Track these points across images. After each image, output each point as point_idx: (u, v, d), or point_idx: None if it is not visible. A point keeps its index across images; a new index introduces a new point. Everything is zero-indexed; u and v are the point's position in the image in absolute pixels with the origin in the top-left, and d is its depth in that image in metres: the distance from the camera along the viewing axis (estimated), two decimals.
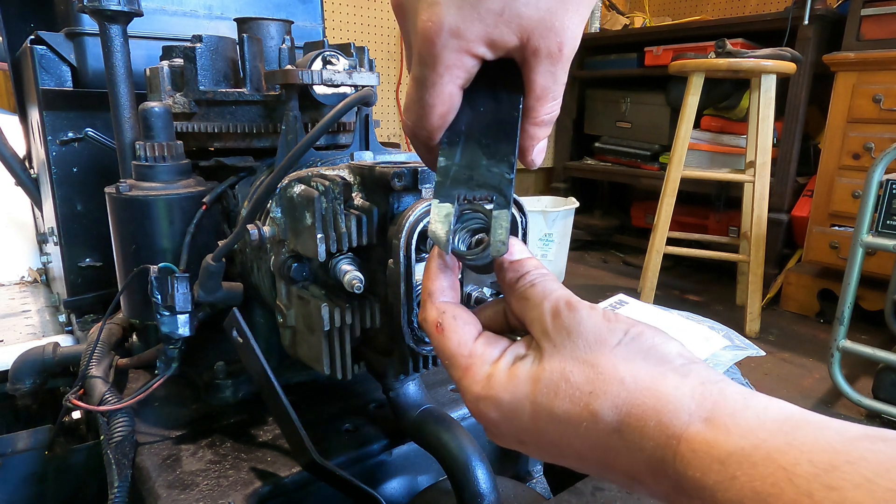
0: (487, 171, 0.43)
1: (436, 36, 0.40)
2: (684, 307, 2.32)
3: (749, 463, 0.29)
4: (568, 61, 0.42)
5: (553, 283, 0.41)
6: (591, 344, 0.37)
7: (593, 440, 0.35)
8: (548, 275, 0.42)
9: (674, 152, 2.67)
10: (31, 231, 1.55)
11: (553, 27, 0.39)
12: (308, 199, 0.58)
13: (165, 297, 0.67)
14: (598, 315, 0.38)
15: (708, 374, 0.35)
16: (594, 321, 0.37)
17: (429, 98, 0.42)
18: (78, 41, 1.03)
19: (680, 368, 0.35)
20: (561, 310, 0.38)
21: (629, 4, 5.03)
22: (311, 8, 1.28)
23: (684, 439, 0.32)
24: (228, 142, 0.81)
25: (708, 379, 0.34)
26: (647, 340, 0.37)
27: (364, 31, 3.64)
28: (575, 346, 0.37)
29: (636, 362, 0.35)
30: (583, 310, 0.38)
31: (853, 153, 2.63)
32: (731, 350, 1.18)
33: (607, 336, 0.37)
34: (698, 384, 0.34)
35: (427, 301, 0.44)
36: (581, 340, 0.37)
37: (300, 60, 0.76)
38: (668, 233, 2.75)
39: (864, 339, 2.55)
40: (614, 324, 0.37)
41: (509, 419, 0.38)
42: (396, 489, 0.74)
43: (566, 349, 0.37)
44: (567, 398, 0.36)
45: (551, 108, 0.44)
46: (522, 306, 0.41)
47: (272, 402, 0.62)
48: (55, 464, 0.79)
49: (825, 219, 2.76)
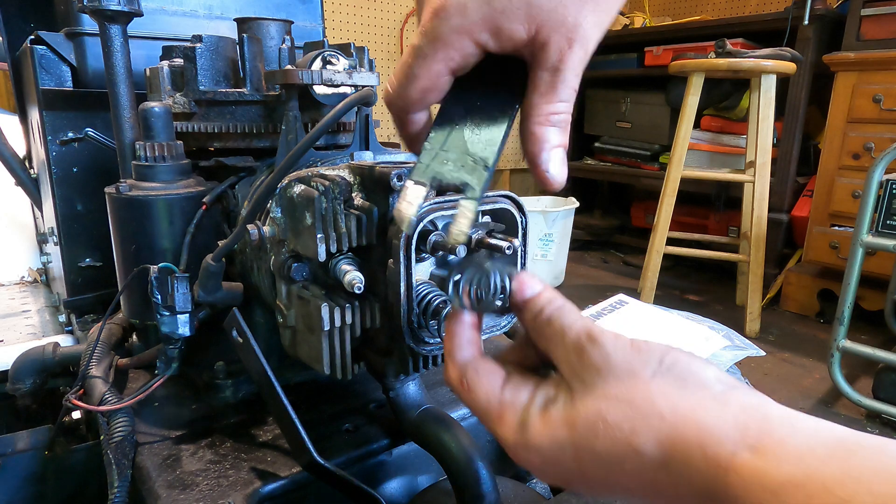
0: (466, 164, 0.43)
1: (441, 10, 0.38)
2: (684, 307, 2.32)
3: (804, 494, 0.28)
4: (580, 63, 0.40)
5: (570, 314, 0.40)
6: (622, 379, 0.35)
7: (640, 477, 0.34)
8: (563, 306, 0.41)
9: (674, 152, 2.67)
10: (31, 231, 1.55)
11: (566, 22, 0.38)
12: (308, 199, 0.58)
13: (165, 297, 0.67)
14: (625, 345, 0.36)
15: (749, 399, 0.33)
16: (622, 353, 0.36)
17: (416, 69, 0.41)
18: (78, 41, 1.03)
19: (719, 395, 0.34)
20: (584, 346, 0.37)
21: (629, 4, 5.03)
22: (311, 8, 1.28)
23: (732, 469, 0.30)
24: (228, 142, 0.81)
25: (749, 404, 0.33)
26: (682, 368, 0.35)
27: (364, 31, 3.64)
28: (606, 383, 0.35)
29: (673, 393, 0.34)
30: (607, 343, 0.36)
31: (853, 153, 2.62)
32: (731, 350, 1.18)
33: (639, 368, 0.35)
34: (740, 410, 0.32)
35: (447, 361, 0.44)
36: (612, 377, 0.35)
37: (300, 60, 0.76)
38: (668, 233, 2.75)
39: (864, 339, 2.55)
40: (645, 354, 0.36)
41: (552, 463, 0.37)
42: (396, 489, 0.74)
43: (598, 388, 0.36)
44: (608, 439, 0.34)
45: (557, 108, 0.42)
46: (546, 345, 0.40)
47: (272, 402, 0.62)
48: (55, 464, 0.79)
49: (825, 219, 2.76)
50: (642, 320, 1.18)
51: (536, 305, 0.41)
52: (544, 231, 3.18)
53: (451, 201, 0.57)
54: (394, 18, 3.74)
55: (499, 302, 0.43)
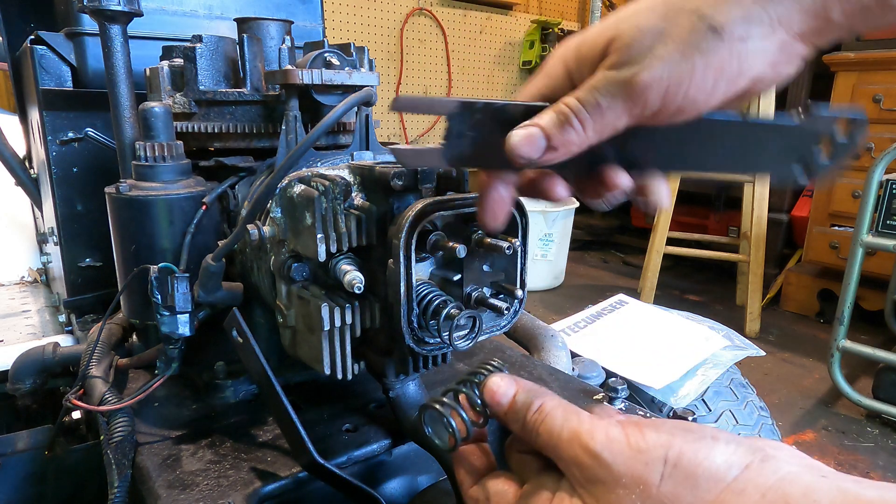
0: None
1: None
2: (684, 307, 2.32)
3: None
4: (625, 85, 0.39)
5: (552, 418, 0.39)
6: (632, 490, 0.34)
7: None
8: (544, 406, 0.40)
9: None
10: (31, 231, 1.55)
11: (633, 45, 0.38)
12: (308, 199, 0.58)
13: (165, 297, 0.67)
14: (623, 448, 0.35)
15: (765, 479, 0.32)
16: (623, 459, 0.35)
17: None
18: (78, 41, 1.03)
19: (734, 485, 0.32)
20: (582, 461, 0.36)
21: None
22: (311, 8, 1.28)
23: None
24: (228, 142, 0.81)
25: (767, 486, 0.32)
26: (690, 461, 0.33)
27: (364, 31, 3.64)
28: (618, 497, 0.34)
29: (687, 494, 0.33)
30: (604, 451, 0.35)
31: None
32: (731, 350, 1.18)
33: (646, 474, 0.34)
34: (759, 498, 0.32)
35: (462, 488, 0.45)
36: (621, 489, 0.34)
37: (300, 60, 0.76)
38: (668, 233, 2.75)
39: (864, 339, 2.55)
40: (647, 453, 0.34)
41: None
42: (396, 489, 0.74)
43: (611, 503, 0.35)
44: None
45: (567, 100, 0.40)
46: (546, 453, 0.40)
47: (272, 402, 0.62)
48: (55, 464, 0.79)
49: (825, 219, 2.76)
50: (642, 320, 1.18)
51: (517, 415, 0.41)
52: (544, 231, 3.18)
53: (450, 201, 0.57)
54: (394, 18, 3.74)
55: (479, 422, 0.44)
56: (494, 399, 0.42)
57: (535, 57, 4.26)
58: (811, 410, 2.18)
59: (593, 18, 4.65)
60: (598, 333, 1.13)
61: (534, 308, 3.14)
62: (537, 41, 4.24)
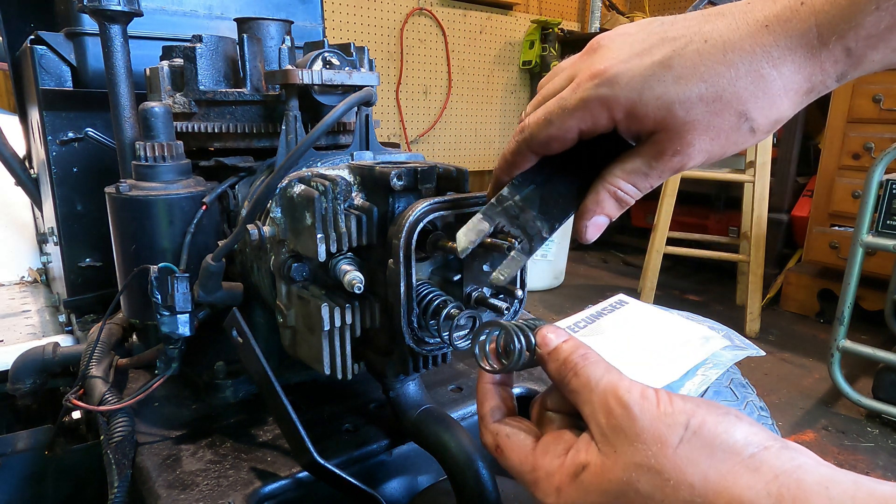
0: (531, 221, 0.47)
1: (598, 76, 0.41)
2: (684, 307, 2.32)
3: None
4: (668, 172, 0.43)
5: (595, 366, 0.40)
6: (651, 447, 0.35)
7: None
8: (588, 355, 0.41)
9: None
10: (31, 231, 1.55)
11: (684, 137, 0.41)
12: (308, 199, 0.58)
13: (165, 297, 0.67)
14: (652, 407, 0.36)
15: (781, 463, 0.33)
16: (650, 418, 0.36)
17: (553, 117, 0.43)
18: (78, 41, 1.03)
19: (749, 461, 0.33)
20: (612, 408, 0.37)
21: (629, 4, 5.03)
22: (311, 8, 1.28)
23: None
24: (228, 142, 0.81)
25: (782, 469, 0.32)
26: (710, 431, 0.35)
27: (364, 31, 3.64)
28: (635, 450, 0.36)
29: (703, 460, 0.34)
30: (634, 405, 0.36)
31: (853, 153, 2.62)
32: (731, 350, 1.18)
33: (667, 434, 0.35)
34: (772, 478, 0.32)
35: (481, 426, 0.46)
36: (640, 444, 0.35)
37: (300, 60, 0.76)
38: (668, 233, 2.75)
39: (864, 339, 2.55)
40: (672, 416, 0.35)
41: None
42: (396, 489, 0.74)
43: (627, 454, 0.36)
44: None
45: (627, 189, 0.44)
46: (573, 398, 0.41)
47: (272, 402, 0.62)
48: (55, 464, 0.79)
49: (825, 219, 2.76)
50: (642, 320, 1.18)
51: (560, 355, 0.42)
52: None
53: (450, 201, 0.57)
54: (394, 18, 3.74)
55: (524, 359, 0.44)
56: (545, 340, 0.44)
57: (535, 57, 4.26)
58: (811, 410, 2.18)
59: (593, 18, 4.64)
60: (597, 333, 1.13)
61: (534, 308, 3.14)
62: (537, 41, 4.24)
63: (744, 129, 0.40)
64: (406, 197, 0.59)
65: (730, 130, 0.40)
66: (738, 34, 0.39)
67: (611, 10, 4.68)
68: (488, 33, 4.23)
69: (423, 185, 0.59)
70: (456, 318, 0.56)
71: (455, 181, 0.61)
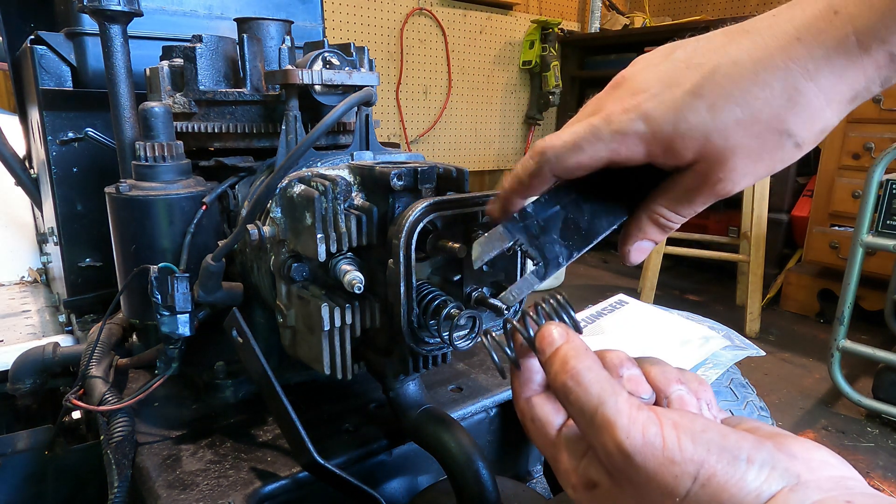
0: (550, 244, 0.47)
1: (633, 110, 0.40)
2: (684, 307, 2.32)
3: None
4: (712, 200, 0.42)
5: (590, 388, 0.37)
6: (656, 498, 0.34)
7: None
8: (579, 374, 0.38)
9: None
10: (31, 231, 1.55)
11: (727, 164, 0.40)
12: (308, 199, 0.58)
13: (165, 297, 0.67)
14: (657, 454, 0.34)
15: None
16: (654, 465, 0.34)
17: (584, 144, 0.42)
18: (78, 41, 1.03)
19: None
20: (613, 455, 0.35)
21: (629, 4, 5.03)
22: (311, 8, 1.27)
23: None
24: (228, 142, 0.81)
25: None
26: (719, 485, 0.33)
27: (364, 31, 3.64)
28: (642, 496, 0.35)
29: None
30: (636, 455, 0.34)
31: (853, 153, 2.62)
32: (731, 350, 1.18)
33: (674, 486, 0.34)
34: None
35: (515, 399, 0.46)
36: (647, 491, 0.35)
37: (300, 60, 0.76)
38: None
39: (864, 339, 2.55)
40: (679, 466, 0.34)
41: None
42: (396, 489, 0.74)
43: (636, 498, 0.36)
44: None
45: (671, 217, 0.44)
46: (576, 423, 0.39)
47: (272, 402, 0.62)
48: (55, 464, 0.79)
49: (825, 219, 2.76)
50: (642, 320, 1.18)
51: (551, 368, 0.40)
52: None
53: (450, 201, 0.57)
54: (394, 18, 3.74)
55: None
56: (542, 346, 0.42)
57: (535, 57, 4.26)
58: (811, 410, 2.18)
59: (593, 18, 4.64)
60: (598, 333, 1.13)
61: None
62: (537, 41, 4.24)
63: (788, 146, 0.39)
64: (406, 197, 0.59)
65: (773, 150, 0.39)
66: (767, 51, 0.37)
67: (611, 10, 4.68)
68: (488, 33, 4.23)
69: (423, 185, 0.59)
70: (456, 318, 0.56)
71: (455, 181, 0.61)
